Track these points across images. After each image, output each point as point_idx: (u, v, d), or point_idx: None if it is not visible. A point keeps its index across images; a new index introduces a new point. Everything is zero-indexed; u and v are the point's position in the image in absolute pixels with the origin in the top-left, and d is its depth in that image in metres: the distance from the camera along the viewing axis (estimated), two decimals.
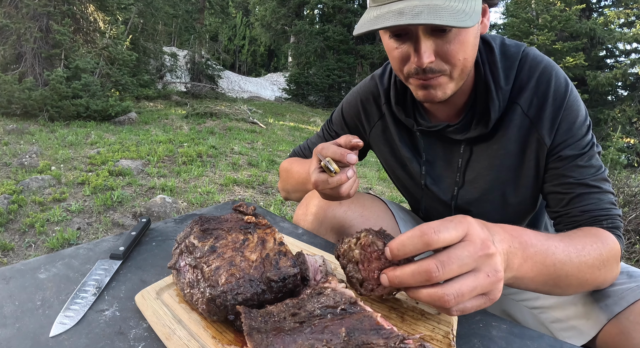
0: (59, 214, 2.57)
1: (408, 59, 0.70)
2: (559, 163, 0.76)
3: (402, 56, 0.70)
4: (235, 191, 3.45)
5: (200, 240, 0.55)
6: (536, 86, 0.75)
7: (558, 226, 0.78)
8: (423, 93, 0.73)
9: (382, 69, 0.96)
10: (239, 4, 22.60)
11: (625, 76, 10.95)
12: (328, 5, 14.59)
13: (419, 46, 0.66)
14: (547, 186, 0.79)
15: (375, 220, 0.91)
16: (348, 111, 1.00)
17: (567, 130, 0.74)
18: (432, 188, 0.90)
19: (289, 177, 1.00)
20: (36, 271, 0.62)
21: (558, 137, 0.75)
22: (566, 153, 0.75)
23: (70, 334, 0.49)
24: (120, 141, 4.73)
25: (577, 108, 0.75)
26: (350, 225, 0.87)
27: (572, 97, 0.75)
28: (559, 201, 0.76)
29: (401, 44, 0.70)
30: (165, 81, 11.03)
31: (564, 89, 0.74)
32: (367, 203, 0.93)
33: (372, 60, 13.87)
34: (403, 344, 0.40)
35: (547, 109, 0.75)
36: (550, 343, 0.53)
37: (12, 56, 6.18)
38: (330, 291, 0.51)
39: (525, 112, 0.76)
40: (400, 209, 1.03)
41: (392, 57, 0.73)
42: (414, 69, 0.69)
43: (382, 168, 5.01)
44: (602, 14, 12.97)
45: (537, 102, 0.75)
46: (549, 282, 0.60)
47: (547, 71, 0.75)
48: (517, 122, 0.77)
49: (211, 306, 0.48)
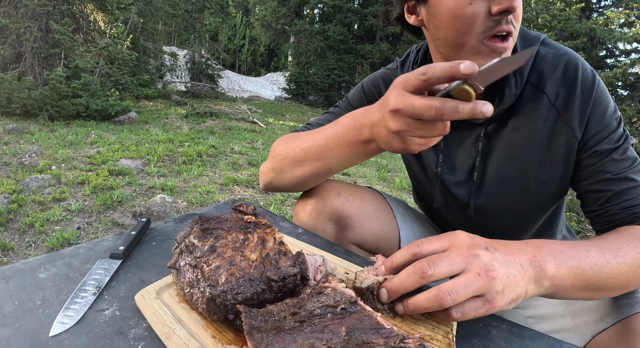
0: (58, 213, 2.57)
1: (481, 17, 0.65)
2: (594, 159, 0.72)
3: (476, 12, 0.65)
4: (235, 190, 3.45)
5: (200, 239, 0.55)
6: (563, 76, 0.72)
7: (596, 225, 0.75)
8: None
9: (405, 56, 0.93)
10: (239, 4, 22.59)
11: (625, 75, 10.94)
12: (328, 5, 14.59)
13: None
14: (583, 184, 0.75)
15: (373, 213, 0.91)
16: (369, 87, 0.95)
17: (599, 122, 0.71)
18: (447, 177, 0.87)
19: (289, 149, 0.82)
20: (36, 270, 0.61)
21: (589, 130, 0.72)
22: (601, 147, 0.71)
23: (70, 334, 0.49)
24: (120, 141, 4.73)
25: (607, 99, 0.72)
26: (347, 216, 0.87)
27: (600, 88, 0.72)
28: (596, 199, 0.73)
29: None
30: (165, 80, 11.02)
31: (591, 80, 0.72)
32: (365, 196, 0.93)
33: (372, 60, 13.86)
34: (403, 344, 0.40)
35: (576, 100, 0.71)
36: (550, 343, 0.53)
37: (12, 55, 6.18)
38: (330, 291, 0.51)
39: (552, 102, 0.73)
40: (400, 204, 1.02)
41: (464, 16, 0.66)
42: (494, 21, 0.64)
43: (382, 168, 5.00)
44: (602, 14, 12.97)
45: (564, 92, 0.72)
46: (589, 287, 0.57)
47: (572, 61, 0.73)
48: (544, 111, 0.74)
49: (211, 305, 0.48)
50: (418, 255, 0.51)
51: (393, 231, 0.94)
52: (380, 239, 0.91)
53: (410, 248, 0.52)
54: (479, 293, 0.47)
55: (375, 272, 0.57)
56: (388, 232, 0.93)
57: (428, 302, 0.47)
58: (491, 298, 0.47)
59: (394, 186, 4.21)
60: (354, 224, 0.87)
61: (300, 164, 0.79)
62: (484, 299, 0.47)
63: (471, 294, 0.47)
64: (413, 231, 0.98)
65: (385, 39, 14.57)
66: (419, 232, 0.99)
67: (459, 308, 0.47)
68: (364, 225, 0.88)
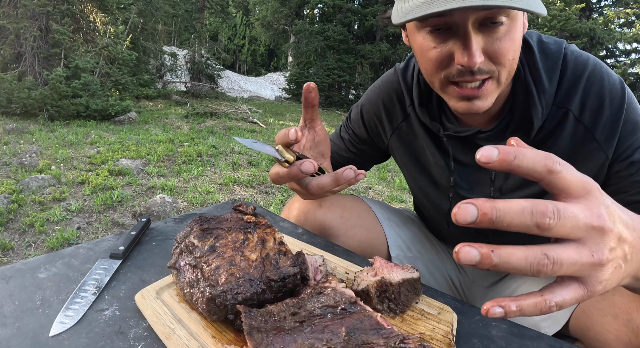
0: (58, 213, 2.57)
1: (448, 61, 0.61)
2: (630, 169, 0.67)
3: (442, 57, 0.61)
4: (235, 190, 3.45)
5: (200, 239, 0.55)
6: (587, 87, 0.67)
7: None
8: (464, 105, 0.64)
9: (405, 63, 0.87)
10: (239, 4, 22.59)
11: (625, 75, 10.95)
12: (328, 5, 14.59)
13: (469, 41, 0.57)
14: (625, 196, 0.69)
15: (356, 221, 0.91)
16: (368, 109, 0.92)
17: (631, 132, 0.66)
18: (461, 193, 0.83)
19: None
20: (36, 270, 0.61)
21: (623, 141, 0.66)
22: (636, 156, 0.66)
23: (70, 333, 0.49)
24: (120, 141, 4.73)
25: (637, 107, 0.67)
26: (330, 226, 0.87)
27: (629, 96, 0.67)
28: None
29: (441, 43, 0.60)
30: (165, 80, 11.03)
31: (620, 89, 0.66)
32: (347, 204, 0.92)
33: (372, 60, 13.86)
34: (403, 344, 0.40)
35: (605, 112, 0.66)
36: (550, 343, 0.53)
37: (12, 55, 6.18)
38: (330, 291, 0.51)
39: (578, 117, 0.67)
40: (385, 208, 1.01)
41: (427, 58, 0.63)
42: (457, 70, 0.60)
43: (382, 168, 4.98)
44: (601, 13, 12.97)
45: (591, 105, 0.67)
46: None
47: (597, 70, 0.67)
48: (570, 130, 0.68)
49: (211, 305, 0.48)
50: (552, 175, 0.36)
51: (379, 237, 0.95)
52: (366, 246, 0.91)
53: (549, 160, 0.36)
54: (578, 275, 0.38)
55: (373, 273, 0.57)
56: (373, 238, 0.93)
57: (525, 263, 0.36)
58: (592, 289, 0.39)
59: (394, 186, 4.21)
60: (338, 233, 0.87)
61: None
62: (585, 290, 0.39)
63: (571, 272, 0.37)
64: (400, 234, 0.97)
65: (385, 39, 14.57)
66: (406, 235, 0.98)
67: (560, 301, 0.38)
68: (347, 234, 0.88)
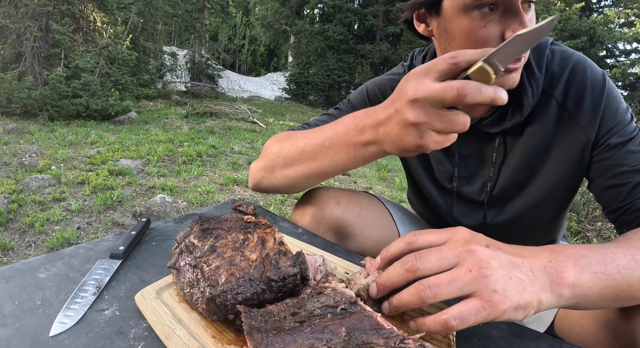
0: (58, 213, 2.57)
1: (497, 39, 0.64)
2: (608, 153, 0.70)
3: (492, 35, 0.64)
4: (235, 190, 3.45)
5: (200, 239, 0.55)
6: (570, 77, 0.73)
7: (621, 228, 0.70)
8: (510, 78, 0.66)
9: (409, 61, 0.90)
10: (239, 4, 22.59)
11: (625, 75, 10.94)
12: (328, 5, 14.59)
13: (522, 17, 0.62)
14: (599, 182, 0.72)
15: (372, 220, 0.90)
16: (374, 91, 0.92)
17: (612, 118, 0.71)
18: (463, 189, 0.86)
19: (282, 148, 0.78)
20: (36, 270, 0.61)
21: (603, 126, 0.71)
22: (614, 140, 0.70)
23: (70, 334, 0.49)
24: (120, 141, 4.73)
25: (617, 96, 0.72)
26: (348, 225, 0.86)
27: (610, 85, 0.72)
28: (616, 196, 0.69)
29: (491, 22, 0.64)
30: (165, 80, 11.02)
31: (601, 78, 0.72)
32: (364, 203, 0.91)
33: (372, 60, 13.87)
34: (403, 344, 0.40)
35: (587, 99, 0.71)
36: (550, 343, 0.53)
37: (12, 55, 6.18)
38: (330, 291, 0.51)
39: (561, 103, 0.73)
40: (399, 209, 1.02)
41: (476, 37, 0.65)
42: None
43: (382, 168, 4.99)
44: (601, 13, 12.97)
45: (574, 92, 0.72)
46: (621, 295, 0.51)
47: (580, 62, 0.73)
48: (553, 115, 0.74)
49: (211, 305, 0.48)
50: (413, 245, 0.48)
51: (393, 237, 0.94)
52: (381, 246, 0.89)
53: (406, 237, 0.49)
54: (467, 292, 0.42)
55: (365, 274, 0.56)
56: (388, 239, 0.93)
57: (409, 296, 0.45)
58: (489, 299, 0.42)
59: (394, 186, 4.20)
60: (355, 232, 0.86)
61: (293, 163, 0.75)
62: (482, 301, 0.42)
63: (456, 291, 0.42)
64: None
65: (385, 39, 14.57)
66: None
67: (456, 313, 0.42)
68: (364, 233, 0.87)
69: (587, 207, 3.34)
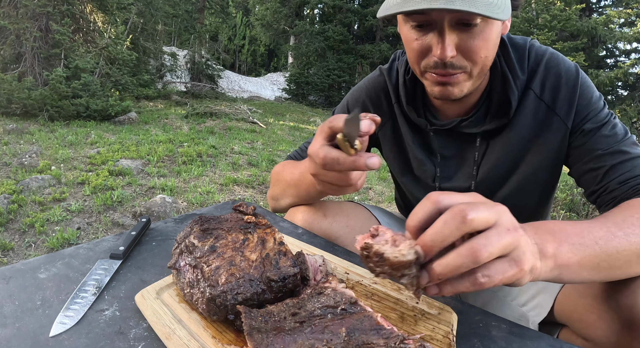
0: (58, 214, 2.57)
1: (427, 52, 0.69)
2: (582, 139, 0.75)
3: (422, 48, 0.69)
4: (235, 190, 3.45)
5: (200, 239, 0.55)
6: (546, 70, 0.77)
7: (600, 208, 0.74)
8: (439, 89, 0.72)
9: (389, 64, 0.93)
10: (239, 4, 22.60)
11: (625, 75, 10.95)
12: (328, 5, 14.59)
13: (444, 38, 0.64)
14: (577, 167, 0.77)
15: (360, 229, 0.89)
16: (354, 107, 0.97)
17: (586, 106, 0.75)
18: (446, 187, 0.89)
19: (279, 180, 0.92)
20: (36, 271, 0.62)
21: (578, 114, 0.75)
22: (588, 126, 0.74)
23: (70, 334, 0.49)
24: (120, 141, 4.73)
25: (590, 85, 0.76)
26: (336, 237, 0.86)
27: (583, 76, 0.76)
28: (593, 179, 0.73)
29: (422, 36, 0.68)
30: (165, 80, 11.02)
31: (574, 69, 0.76)
32: (351, 213, 0.91)
33: (372, 60, 13.87)
34: (403, 344, 0.40)
35: (562, 89, 0.75)
36: (550, 343, 0.53)
37: (12, 55, 6.18)
38: (330, 291, 0.51)
39: (539, 96, 0.77)
40: (385, 214, 1.02)
41: (411, 48, 0.71)
42: (433, 62, 0.68)
43: (382, 168, 4.98)
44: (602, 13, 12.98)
45: (550, 84, 0.76)
46: (602, 265, 0.52)
47: (553, 56, 0.78)
48: (532, 107, 0.77)
49: (211, 306, 0.48)
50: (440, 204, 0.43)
51: None
52: None
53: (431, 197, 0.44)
54: (509, 250, 0.42)
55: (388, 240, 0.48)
56: None
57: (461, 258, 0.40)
58: (518, 259, 0.42)
59: (394, 187, 4.21)
60: (344, 243, 0.86)
61: (287, 194, 0.90)
62: (510, 260, 0.42)
63: (502, 249, 0.41)
64: None
65: (385, 39, 14.58)
66: None
67: (485, 271, 0.41)
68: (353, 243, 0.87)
69: (587, 207, 3.34)
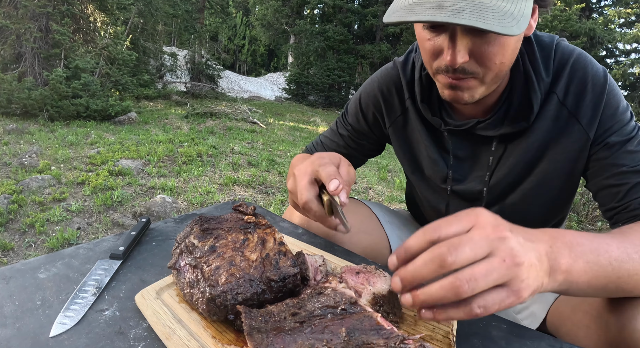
0: (59, 214, 2.57)
1: (439, 54, 0.65)
2: (606, 152, 0.69)
3: (434, 50, 0.65)
4: (235, 191, 3.45)
5: (200, 239, 0.55)
6: (571, 73, 0.71)
7: (615, 225, 0.70)
8: (449, 93, 0.68)
9: (404, 56, 0.89)
10: (239, 4, 22.59)
11: (625, 75, 10.95)
12: (328, 5, 14.59)
13: (455, 43, 0.60)
14: (597, 181, 0.72)
15: (360, 226, 0.89)
16: (366, 102, 0.92)
17: (611, 116, 0.69)
18: (458, 189, 0.85)
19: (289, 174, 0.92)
20: (36, 271, 0.61)
21: (602, 125, 0.70)
22: (612, 140, 0.69)
23: (70, 334, 0.49)
24: (120, 141, 4.73)
25: (618, 94, 0.71)
26: (334, 234, 0.85)
27: (611, 83, 0.70)
28: (614, 195, 0.69)
29: (435, 37, 0.64)
30: (165, 80, 11.02)
31: (602, 75, 0.70)
32: (350, 209, 0.90)
33: (372, 60, 13.87)
34: (403, 344, 0.40)
35: (587, 96, 0.70)
36: (550, 343, 0.53)
37: (12, 55, 6.18)
38: (330, 291, 0.51)
39: (562, 101, 0.72)
40: (386, 211, 1.01)
41: (423, 48, 0.67)
42: (445, 66, 0.64)
43: (382, 168, 4.98)
44: (602, 13, 12.97)
45: (574, 90, 0.71)
46: (609, 286, 0.52)
47: (581, 58, 0.71)
48: (553, 112, 0.72)
49: (211, 306, 0.48)
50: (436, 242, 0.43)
51: (382, 241, 0.94)
52: (370, 251, 0.89)
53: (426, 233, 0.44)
54: (501, 282, 0.41)
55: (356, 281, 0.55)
56: (377, 243, 0.92)
57: (443, 291, 0.40)
58: (517, 289, 0.41)
59: (394, 187, 4.21)
60: (343, 240, 0.86)
61: None
62: (508, 290, 0.41)
63: (492, 283, 0.40)
64: (402, 237, 0.97)
65: (385, 39, 14.59)
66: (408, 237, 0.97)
67: (481, 302, 0.40)
68: (352, 240, 0.87)
69: (587, 207, 3.34)
